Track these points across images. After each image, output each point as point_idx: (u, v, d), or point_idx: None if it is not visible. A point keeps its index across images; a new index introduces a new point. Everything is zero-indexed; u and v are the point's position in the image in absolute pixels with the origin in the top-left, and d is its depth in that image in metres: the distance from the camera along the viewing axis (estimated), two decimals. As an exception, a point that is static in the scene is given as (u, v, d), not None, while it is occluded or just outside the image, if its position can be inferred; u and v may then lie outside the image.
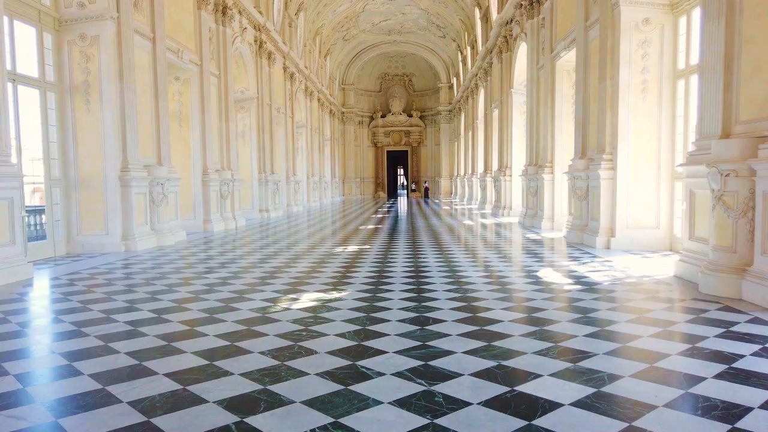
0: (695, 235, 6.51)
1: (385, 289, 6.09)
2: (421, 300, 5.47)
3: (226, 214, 14.91)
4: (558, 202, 13.28)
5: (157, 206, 10.74)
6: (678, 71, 8.91)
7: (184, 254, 9.47)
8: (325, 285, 6.39)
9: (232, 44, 16.02)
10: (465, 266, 7.67)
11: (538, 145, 14.34)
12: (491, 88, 22.04)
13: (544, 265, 7.72)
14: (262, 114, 19.29)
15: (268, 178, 19.38)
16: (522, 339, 4.09)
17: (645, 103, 9.15)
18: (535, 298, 5.54)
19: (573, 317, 4.73)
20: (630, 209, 9.25)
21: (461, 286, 6.16)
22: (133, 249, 9.86)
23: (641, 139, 9.18)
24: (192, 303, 5.50)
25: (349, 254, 9.18)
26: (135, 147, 10.15)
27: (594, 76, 10.21)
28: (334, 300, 5.56)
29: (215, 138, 14.70)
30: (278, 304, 5.41)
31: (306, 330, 4.41)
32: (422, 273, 7.11)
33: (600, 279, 6.58)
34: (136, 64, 10.38)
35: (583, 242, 10.14)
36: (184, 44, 12.78)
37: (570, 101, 12.94)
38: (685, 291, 5.86)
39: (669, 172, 9.10)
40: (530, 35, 14.84)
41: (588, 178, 10.12)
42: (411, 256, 8.83)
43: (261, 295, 5.82)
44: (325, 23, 30.88)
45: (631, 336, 4.16)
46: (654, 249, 9.07)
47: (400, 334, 4.24)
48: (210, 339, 4.20)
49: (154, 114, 11.17)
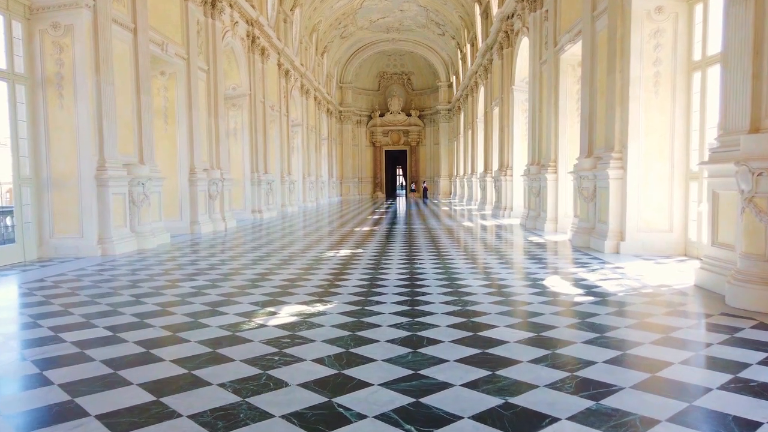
0: (718, 241, 5.89)
1: (375, 300, 5.47)
2: (414, 314, 4.86)
3: (215, 216, 14.28)
4: (562, 203, 12.66)
5: (137, 207, 10.11)
6: (693, 63, 8.30)
7: (164, 259, 8.84)
8: (309, 295, 5.77)
9: (222, 38, 15.39)
10: (464, 273, 7.05)
11: (541, 144, 13.73)
12: (491, 85, 21.42)
13: (550, 272, 7.11)
14: (255, 112, 18.67)
15: (261, 177, 18.75)
16: (531, 366, 3.47)
17: (657, 97, 8.53)
18: (542, 312, 4.92)
19: (588, 337, 4.12)
20: (641, 211, 8.63)
21: (460, 298, 5.54)
22: (110, 253, 9.23)
23: (653, 136, 8.56)
24: (157, 318, 4.88)
25: (341, 259, 8.56)
26: (113, 144, 9.52)
27: (602, 70, 9.60)
28: (316, 314, 4.94)
29: (204, 136, 14.07)
30: (253, 319, 4.79)
31: (279, 353, 3.79)
32: (418, 281, 6.49)
33: (613, 289, 5.96)
34: (116, 55, 9.76)
35: (590, 246, 9.53)
36: (169, 37, 12.15)
37: (575, 97, 12.33)
38: (710, 304, 5.25)
39: (683, 171, 8.49)
40: (532, 29, 14.22)
41: (595, 177, 9.50)
42: (406, 261, 8.21)
43: (236, 308, 5.20)
44: (321, 20, 30.25)
45: (658, 363, 3.54)
46: (667, 254, 8.46)
47: (388, 360, 3.62)
48: (164, 366, 3.58)
49: (136, 109, 10.54)
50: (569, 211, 12.26)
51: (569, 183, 11.97)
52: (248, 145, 18.33)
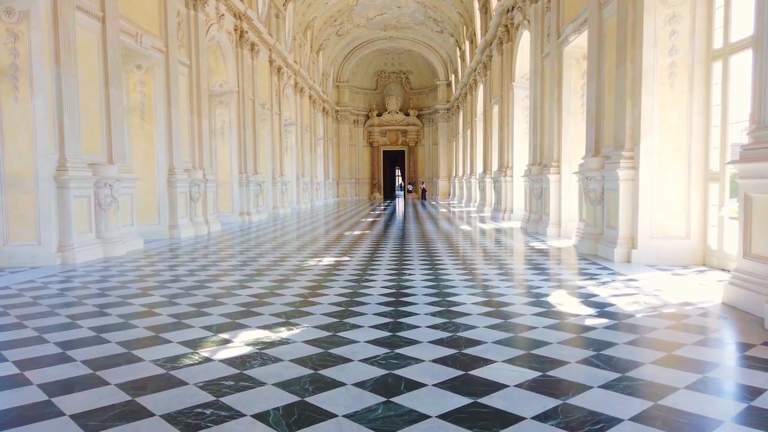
0: (752, 252, 5.06)
1: (351, 323, 4.64)
2: (395, 344, 4.03)
3: (197, 219, 13.44)
4: (566, 206, 11.83)
5: (104, 211, 9.28)
6: (713, 52, 7.47)
7: (127, 269, 8.02)
8: (275, 317, 4.94)
9: (206, 32, 14.57)
10: (458, 287, 6.23)
11: (543, 143, 12.90)
12: (491, 83, 20.60)
13: (555, 286, 6.28)
14: (244, 109, 17.84)
15: (250, 178, 17.92)
16: (539, 427, 2.65)
17: (673, 89, 7.71)
18: (548, 340, 4.09)
19: (606, 378, 3.29)
20: (655, 216, 7.81)
21: (451, 320, 4.72)
22: (71, 261, 8.41)
23: (668, 133, 7.74)
24: (84, 349, 4.04)
25: (322, 269, 7.74)
26: (76, 142, 8.70)
27: (610, 61, 8.78)
28: (277, 343, 4.11)
29: (185, 134, 13.25)
30: (199, 350, 3.96)
31: (214, 404, 2.97)
32: (404, 297, 5.67)
33: (629, 308, 5.14)
34: (80, 45, 8.94)
35: (598, 253, 8.71)
36: (145, 28, 11.32)
37: (579, 92, 11.51)
38: (747, 330, 4.42)
39: (702, 171, 7.66)
40: (534, 21, 13.41)
41: (603, 178, 8.68)
42: (395, 271, 7.39)
43: (184, 334, 4.38)
44: (316, 16, 29.43)
45: (702, 420, 2.72)
46: (684, 263, 7.64)
47: (352, 415, 2.80)
48: (61, 423, 2.75)
49: (104, 104, 9.71)
50: (573, 215, 11.44)
51: (573, 184, 11.15)
52: (236, 145, 17.51)
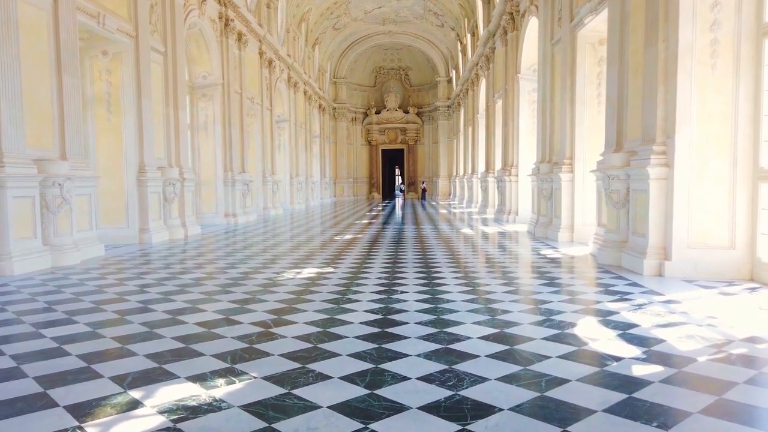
0: None
1: (316, 372, 3.43)
2: (371, 412, 2.83)
3: (172, 221, 12.24)
4: (579, 208, 10.62)
5: (53, 214, 8.09)
6: (764, 26, 6.27)
7: (70, 283, 6.81)
8: (217, 359, 3.74)
9: (185, 17, 13.38)
10: (460, 311, 5.02)
11: (553, 138, 11.70)
12: (494, 76, 19.38)
13: (581, 310, 5.07)
14: (229, 103, 16.65)
15: (236, 177, 16.72)
16: None
17: (715, 72, 6.51)
18: (588, 405, 2.89)
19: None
20: (692, 222, 6.61)
21: (452, 366, 3.51)
22: (7, 273, 7.22)
23: (709, 124, 6.54)
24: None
25: (299, 285, 6.54)
26: (16, 134, 7.51)
27: (636, 42, 7.57)
28: (206, 409, 2.90)
29: (159, 128, 12.05)
30: (93, 419, 2.76)
31: None
32: (392, 328, 4.46)
33: (684, 346, 3.93)
34: (24, 24, 7.76)
35: (622, 264, 7.51)
36: (109, 8, 10.12)
37: (595, 81, 10.31)
38: None
39: (749, 169, 6.46)
40: (543, 4, 12.19)
41: (629, 177, 7.48)
42: (385, 287, 6.19)
43: (85, 390, 3.17)
44: (311, 8, 28.23)
45: None
46: (727, 278, 6.44)
47: None
48: None
49: (56, 93, 8.51)
50: (588, 219, 10.25)
51: (589, 184, 9.95)
52: (221, 141, 16.32)
